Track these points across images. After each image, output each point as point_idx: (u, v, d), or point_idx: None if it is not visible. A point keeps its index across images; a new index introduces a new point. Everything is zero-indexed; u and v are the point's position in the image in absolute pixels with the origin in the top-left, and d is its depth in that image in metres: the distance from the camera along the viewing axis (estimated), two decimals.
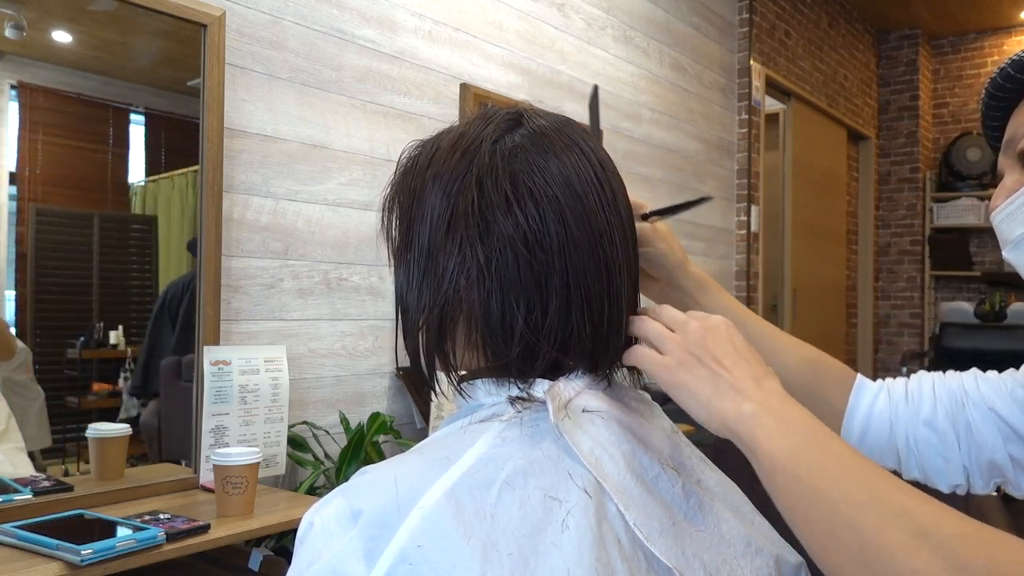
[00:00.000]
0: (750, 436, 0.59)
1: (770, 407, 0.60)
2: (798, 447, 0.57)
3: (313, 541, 0.57)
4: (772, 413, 0.59)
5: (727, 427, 0.61)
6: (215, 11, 1.82)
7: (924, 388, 0.91)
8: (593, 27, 3.23)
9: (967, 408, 0.88)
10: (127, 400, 1.86)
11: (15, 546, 1.28)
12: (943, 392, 0.90)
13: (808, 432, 0.58)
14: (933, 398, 0.90)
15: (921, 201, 6.16)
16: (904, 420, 0.89)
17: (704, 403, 0.62)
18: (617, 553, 0.58)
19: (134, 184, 1.91)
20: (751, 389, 0.61)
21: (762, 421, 0.59)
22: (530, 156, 0.63)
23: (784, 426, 0.58)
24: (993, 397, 0.87)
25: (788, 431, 0.58)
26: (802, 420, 0.59)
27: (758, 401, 0.60)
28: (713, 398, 0.61)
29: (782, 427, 0.58)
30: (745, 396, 0.60)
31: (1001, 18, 5.94)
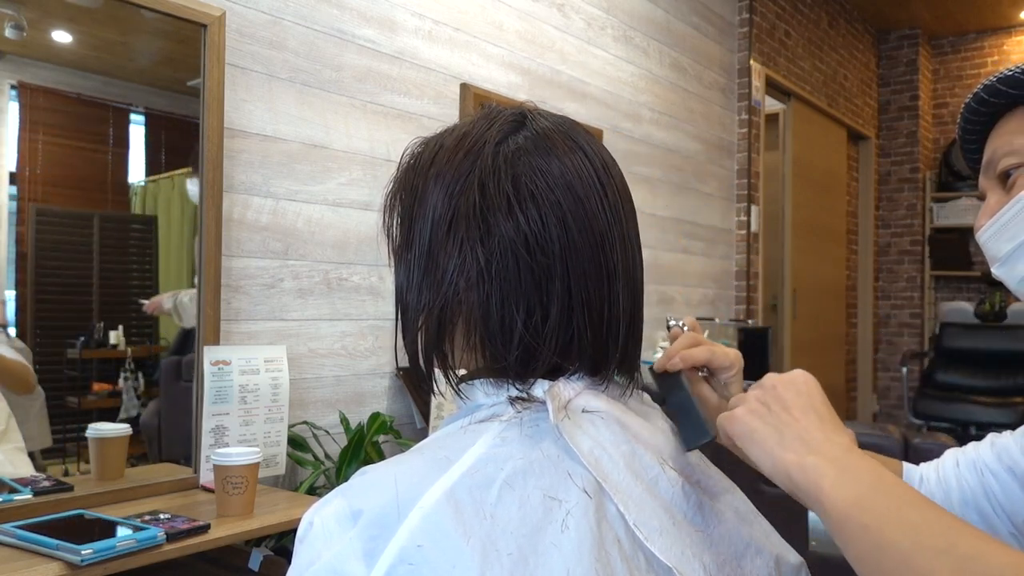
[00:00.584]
0: (816, 487, 0.56)
1: (835, 458, 0.57)
2: (864, 496, 0.55)
3: (313, 541, 0.57)
4: (836, 463, 0.57)
5: (790, 478, 0.58)
6: (215, 11, 1.82)
7: (948, 469, 0.92)
8: (593, 27, 3.23)
9: (986, 477, 0.88)
10: (127, 400, 1.86)
11: (15, 546, 1.28)
12: (965, 469, 0.90)
13: (875, 481, 0.55)
14: (959, 476, 0.90)
15: (921, 201, 6.16)
16: (943, 506, 0.90)
17: (769, 452, 0.60)
18: (617, 553, 0.58)
19: (134, 184, 1.92)
20: (818, 441, 0.59)
21: (825, 471, 0.56)
22: (532, 158, 0.63)
23: (848, 475, 0.56)
24: (1006, 459, 0.88)
25: (853, 480, 0.56)
26: (868, 469, 0.56)
27: (823, 453, 0.58)
28: (777, 448, 0.60)
29: (846, 476, 0.56)
30: (811, 448, 0.58)
31: (1001, 18, 5.94)
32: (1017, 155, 0.77)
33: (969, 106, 0.82)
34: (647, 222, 3.53)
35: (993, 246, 0.79)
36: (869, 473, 0.56)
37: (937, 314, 6.18)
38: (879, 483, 0.55)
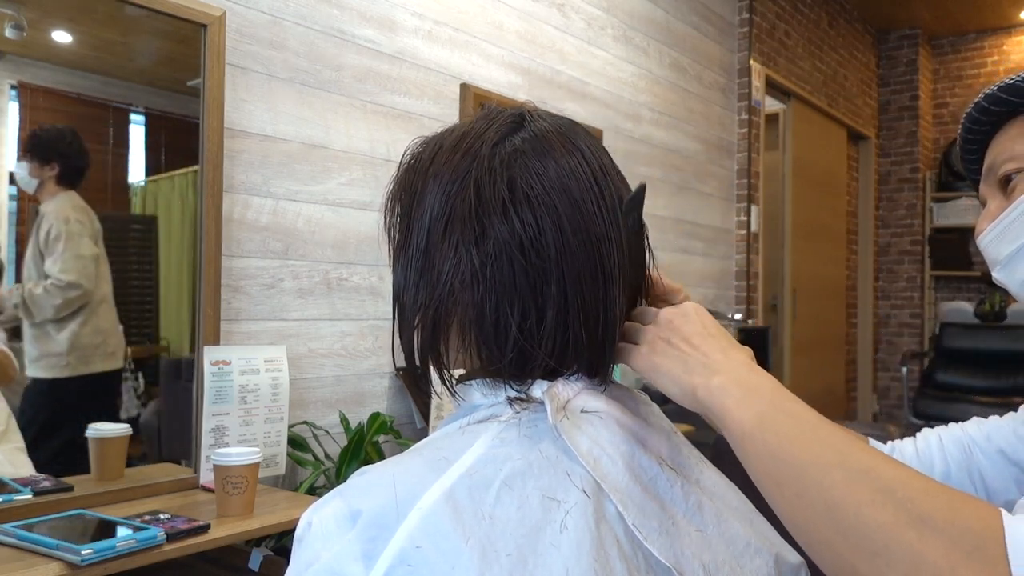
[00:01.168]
0: (720, 407, 0.60)
1: (738, 377, 0.61)
2: (765, 413, 0.58)
3: (312, 542, 0.57)
4: (739, 383, 0.61)
5: (698, 400, 0.62)
6: (215, 11, 1.82)
7: (932, 444, 0.94)
8: (593, 27, 3.23)
9: (975, 455, 0.90)
10: (127, 400, 1.86)
11: (15, 546, 1.28)
12: (951, 445, 0.92)
13: (775, 399, 0.59)
14: (943, 452, 0.92)
15: (921, 201, 6.16)
16: None
17: (676, 380, 0.64)
18: (616, 553, 0.58)
19: (134, 184, 1.92)
20: (720, 362, 0.63)
21: (730, 391, 0.60)
22: (529, 160, 0.63)
23: (751, 394, 0.60)
24: (998, 439, 0.89)
25: (755, 398, 0.59)
26: (769, 387, 0.60)
27: (726, 372, 0.62)
28: (684, 375, 0.63)
29: (749, 395, 0.60)
30: (714, 370, 0.62)
31: (1001, 18, 5.94)
32: (1017, 160, 0.78)
33: (971, 115, 0.84)
34: (647, 222, 3.53)
35: (994, 250, 0.81)
36: (771, 392, 0.60)
37: (937, 314, 6.18)
38: (780, 401, 0.59)
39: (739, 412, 0.59)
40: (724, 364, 0.63)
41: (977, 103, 0.82)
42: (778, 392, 0.60)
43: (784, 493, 0.56)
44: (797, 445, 0.56)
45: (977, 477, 0.89)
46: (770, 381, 0.61)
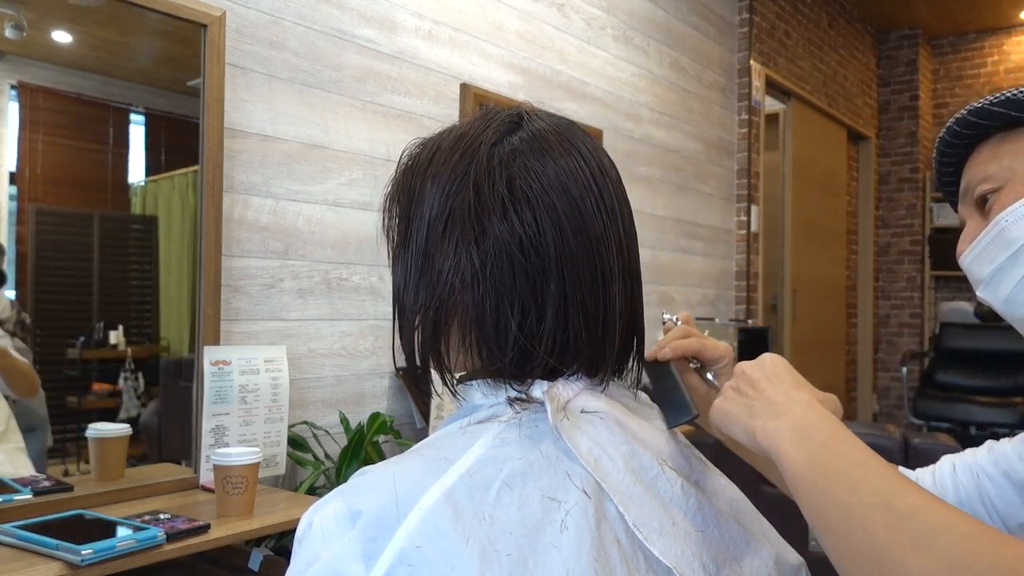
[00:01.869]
0: (776, 448, 0.60)
1: (795, 419, 0.61)
2: (816, 454, 0.58)
3: (312, 542, 0.57)
4: (796, 425, 0.60)
5: (758, 443, 0.62)
6: (215, 11, 1.82)
7: (945, 473, 0.94)
8: (593, 27, 3.23)
9: (983, 481, 0.90)
10: (127, 400, 1.86)
11: (15, 546, 1.28)
12: (962, 473, 0.92)
13: (828, 439, 0.58)
14: (955, 481, 0.92)
15: (921, 201, 6.16)
16: None
17: (742, 425, 0.64)
18: (616, 553, 0.58)
19: (134, 184, 1.92)
20: (781, 404, 0.63)
21: (784, 433, 0.60)
22: (528, 160, 0.63)
23: (805, 435, 0.59)
24: (1003, 464, 0.90)
25: (808, 439, 0.59)
26: (824, 427, 0.59)
27: (785, 414, 0.62)
28: (748, 419, 0.64)
29: (803, 436, 0.59)
30: (774, 413, 0.62)
31: (1001, 18, 5.94)
32: (991, 181, 0.80)
33: (943, 139, 0.85)
34: (647, 222, 3.53)
35: (976, 270, 0.82)
36: (823, 432, 0.59)
37: (937, 314, 6.18)
38: (832, 441, 0.58)
39: (792, 453, 0.59)
40: (785, 406, 0.63)
41: (950, 127, 0.84)
42: (833, 432, 0.59)
43: (833, 537, 0.55)
44: (844, 486, 0.55)
45: (988, 503, 0.90)
46: (827, 421, 0.60)
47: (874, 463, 0.56)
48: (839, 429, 0.60)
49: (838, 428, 0.60)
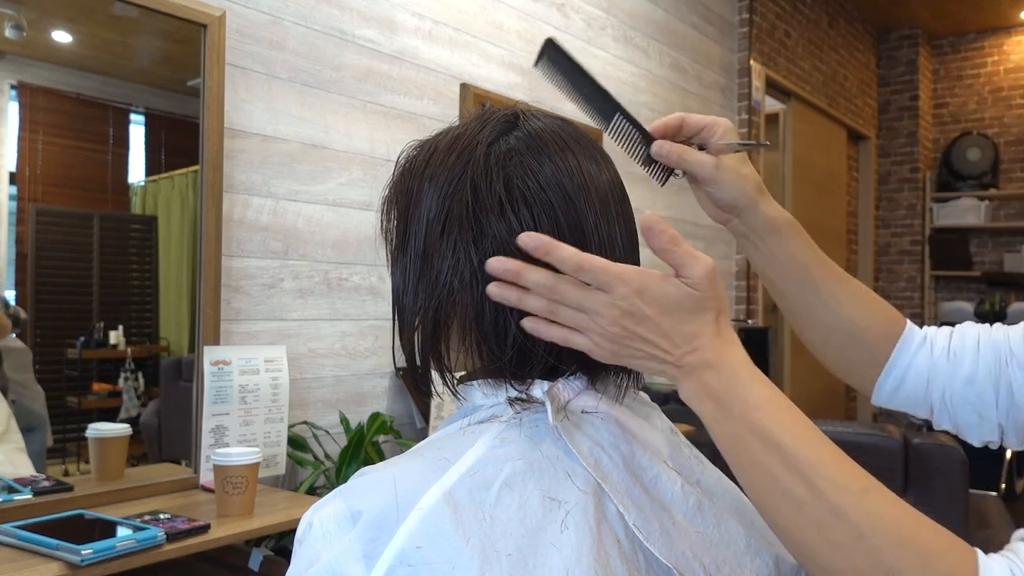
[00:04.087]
0: (698, 412, 0.60)
1: (700, 379, 0.59)
2: (734, 431, 0.58)
3: (312, 542, 0.57)
4: (701, 387, 0.59)
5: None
6: (215, 11, 1.82)
7: (968, 344, 0.88)
8: (593, 27, 3.23)
9: (1010, 367, 0.85)
10: (127, 400, 1.86)
11: (15, 546, 1.28)
12: (987, 349, 0.86)
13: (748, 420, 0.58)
14: (976, 355, 0.86)
15: (921, 201, 6.16)
16: (943, 376, 0.88)
17: (655, 373, 0.62)
18: (616, 553, 0.58)
19: (134, 184, 1.92)
20: (688, 366, 0.59)
21: (695, 396, 0.59)
22: (524, 159, 0.63)
23: (721, 416, 0.58)
24: None
25: (726, 419, 0.58)
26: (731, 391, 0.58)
27: (689, 371, 0.59)
28: (658, 373, 0.61)
29: (715, 403, 0.58)
30: (682, 374, 0.59)
31: (1001, 18, 5.94)
32: None
33: None
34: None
35: None
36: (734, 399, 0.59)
37: (937, 314, 6.18)
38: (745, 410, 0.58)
39: (712, 422, 0.58)
40: (685, 358, 0.59)
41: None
42: (750, 414, 0.57)
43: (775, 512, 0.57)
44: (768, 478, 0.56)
45: (1004, 389, 0.84)
46: (733, 381, 0.58)
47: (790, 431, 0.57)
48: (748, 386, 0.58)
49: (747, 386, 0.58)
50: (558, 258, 0.57)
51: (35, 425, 1.69)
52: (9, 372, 1.65)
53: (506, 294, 0.59)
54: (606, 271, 0.57)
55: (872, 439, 1.93)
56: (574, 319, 0.59)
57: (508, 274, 0.58)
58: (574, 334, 0.59)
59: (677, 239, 0.58)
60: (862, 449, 1.92)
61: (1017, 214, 6.12)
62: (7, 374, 1.65)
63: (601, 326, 0.58)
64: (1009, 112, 6.14)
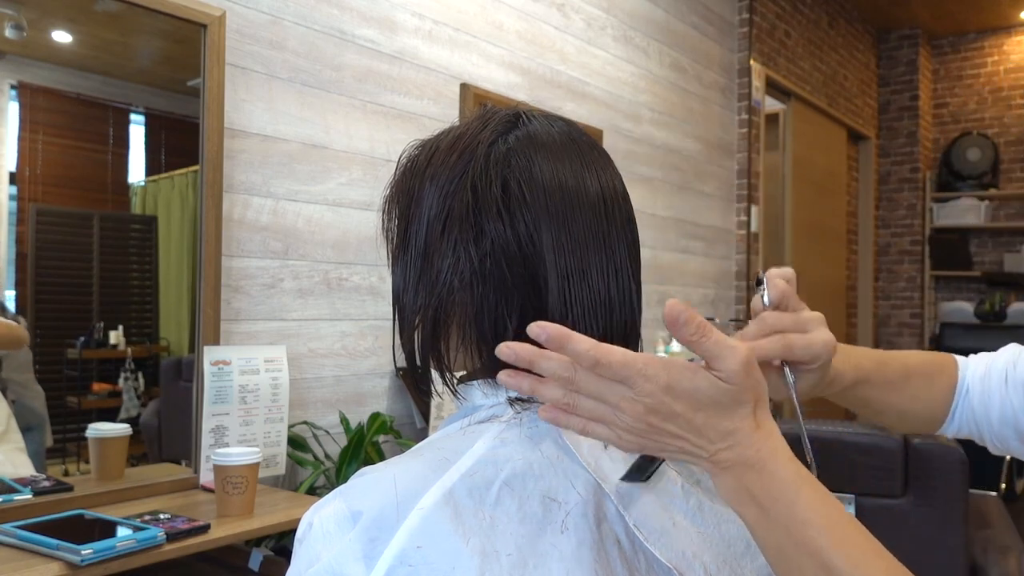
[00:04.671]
0: (741, 515, 0.57)
1: (736, 474, 0.55)
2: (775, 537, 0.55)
3: (312, 542, 0.57)
4: (739, 482, 0.55)
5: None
6: (215, 11, 1.82)
7: (994, 386, 0.88)
8: (593, 27, 3.23)
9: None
10: (127, 400, 1.86)
11: (15, 546, 1.28)
12: (1012, 389, 0.87)
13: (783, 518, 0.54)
14: (1003, 397, 0.87)
15: (921, 201, 6.16)
16: (983, 421, 0.90)
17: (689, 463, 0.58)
18: (617, 554, 0.58)
19: (134, 184, 1.92)
20: (725, 462, 0.55)
21: (733, 494, 0.56)
22: (521, 160, 0.63)
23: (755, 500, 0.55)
24: None
25: (769, 524, 0.55)
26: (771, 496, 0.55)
27: (723, 469, 0.55)
28: (692, 463, 0.57)
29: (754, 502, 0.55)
30: (719, 470, 0.56)
31: (1001, 18, 5.94)
32: None
33: None
34: (647, 222, 3.53)
35: None
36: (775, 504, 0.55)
37: (937, 314, 6.18)
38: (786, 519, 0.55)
39: (751, 522, 0.55)
40: (720, 454, 0.55)
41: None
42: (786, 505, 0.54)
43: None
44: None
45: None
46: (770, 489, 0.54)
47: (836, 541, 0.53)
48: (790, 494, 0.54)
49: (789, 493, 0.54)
50: (572, 352, 0.52)
51: (35, 425, 1.69)
52: (9, 372, 1.65)
53: (518, 384, 0.55)
54: (627, 366, 0.52)
55: (872, 439, 1.93)
56: (595, 412, 0.54)
57: (520, 362, 0.53)
58: (595, 425, 0.55)
59: (705, 329, 0.52)
60: (862, 449, 1.92)
61: (1017, 214, 6.12)
62: (7, 374, 1.65)
63: (624, 421, 0.54)
64: (1009, 112, 6.14)
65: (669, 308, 0.52)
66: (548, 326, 0.53)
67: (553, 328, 0.52)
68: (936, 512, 1.86)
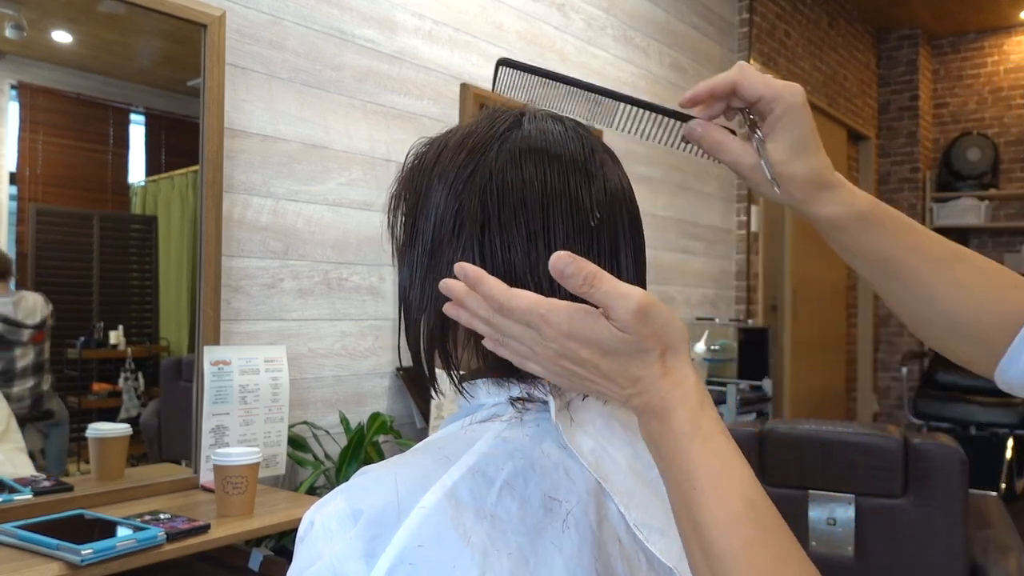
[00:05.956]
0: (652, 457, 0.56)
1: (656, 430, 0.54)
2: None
3: (313, 541, 0.57)
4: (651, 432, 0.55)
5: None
6: (215, 11, 1.82)
7: None
8: (593, 27, 3.23)
9: None
10: (127, 400, 1.86)
11: (15, 546, 1.28)
12: None
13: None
14: None
15: (921, 201, 6.16)
16: None
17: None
18: (618, 553, 0.58)
19: (134, 184, 1.92)
20: (636, 408, 0.55)
21: (653, 454, 0.55)
22: (519, 160, 0.63)
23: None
24: None
25: (664, 472, 0.54)
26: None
27: (643, 424, 0.55)
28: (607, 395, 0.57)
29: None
30: (635, 413, 0.55)
31: (1001, 18, 5.95)
32: None
33: None
34: (647, 222, 3.51)
35: None
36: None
37: None
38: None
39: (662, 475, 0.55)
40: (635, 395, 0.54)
41: None
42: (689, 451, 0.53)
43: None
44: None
45: None
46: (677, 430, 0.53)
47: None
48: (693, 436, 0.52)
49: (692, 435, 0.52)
50: (484, 295, 0.53)
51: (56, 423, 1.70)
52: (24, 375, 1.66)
53: (456, 314, 0.57)
54: (530, 312, 0.52)
55: (872, 439, 1.93)
56: (519, 351, 0.55)
57: (454, 297, 0.56)
58: (526, 361, 0.56)
59: (594, 277, 0.51)
60: (862, 449, 1.92)
61: (1017, 214, 6.12)
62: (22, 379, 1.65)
63: (542, 363, 0.55)
64: (1009, 112, 6.14)
65: (554, 260, 0.51)
66: (467, 267, 0.54)
67: (471, 269, 0.54)
68: (936, 512, 1.86)
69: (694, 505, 0.51)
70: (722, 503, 0.50)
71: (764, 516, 0.51)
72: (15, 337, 1.65)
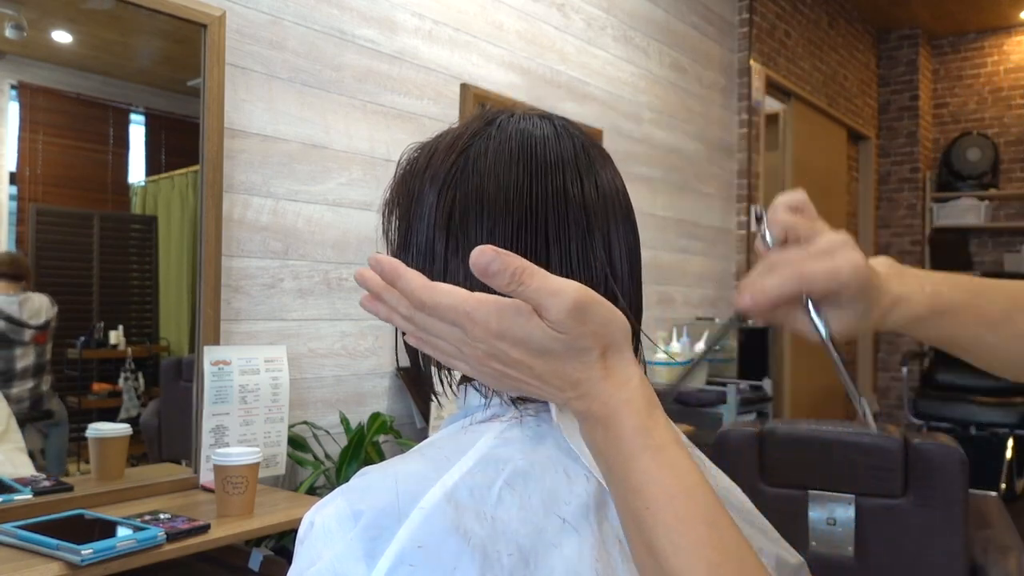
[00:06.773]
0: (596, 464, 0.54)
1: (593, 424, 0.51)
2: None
3: (313, 541, 0.57)
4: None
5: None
6: (215, 11, 1.82)
7: None
8: (593, 27, 3.23)
9: None
10: (127, 400, 1.86)
11: (15, 546, 1.28)
12: None
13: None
14: None
15: (921, 201, 6.16)
16: None
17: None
18: (618, 553, 0.58)
19: (134, 184, 1.92)
20: (577, 413, 0.52)
21: (598, 463, 0.52)
22: (521, 155, 0.64)
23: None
24: None
25: (610, 484, 0.52)
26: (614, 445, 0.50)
27: (585, 430, 0.52)
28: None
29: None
30: (577, 418, 0.52)
31: (1001, 18, 5.94)
32: None
33: None
34: (647, 222, 3.53)
35: None
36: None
37: None
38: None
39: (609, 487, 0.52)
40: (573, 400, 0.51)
41: None
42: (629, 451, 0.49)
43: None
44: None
45: None
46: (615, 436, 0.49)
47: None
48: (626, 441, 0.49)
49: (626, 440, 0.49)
50: (403, 291, 0.49)
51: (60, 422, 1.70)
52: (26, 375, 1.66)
53: (375, 309, 0.53)
54: (454, 310, 0.48)
55: (872, 439, 1.93)
56: (444, 349, 0.51)
57: (371, 291, 0.52)
58: (452, 359, 0.51)
59: (522, 274, 0.46)
60: (862, 449, 1.92)
61: (1017, 214, 6.12)
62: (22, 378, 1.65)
63: (471, 364, 0.50)
64: (1009, 112, 6.14)
65: (475, 256, 0.45)
66: (383, 259, 0.50)
67: (387, 262, 0.50)
68: (936, 512, 1.86)
69: (648, 527, 0.47)
70: (682, 525, 0.47)
71: (726, 538, 0.48)
72: (17, 337, 1.66)
